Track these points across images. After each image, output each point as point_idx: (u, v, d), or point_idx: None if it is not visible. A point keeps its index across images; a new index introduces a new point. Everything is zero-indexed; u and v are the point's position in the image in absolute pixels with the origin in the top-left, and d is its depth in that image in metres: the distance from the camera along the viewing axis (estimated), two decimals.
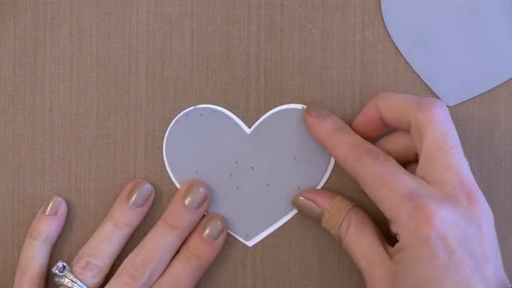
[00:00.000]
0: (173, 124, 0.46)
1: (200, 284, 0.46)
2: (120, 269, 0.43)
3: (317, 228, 0.46)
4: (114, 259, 0.44)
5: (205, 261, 0.44)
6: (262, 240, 0.46)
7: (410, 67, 0.46)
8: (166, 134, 0.46)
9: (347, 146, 0.42)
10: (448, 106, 0.46)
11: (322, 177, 0.46)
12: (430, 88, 0.46)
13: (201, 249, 0.44)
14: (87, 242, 0.44)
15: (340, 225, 0.42)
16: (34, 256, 0.44)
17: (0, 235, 0.45)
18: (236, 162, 0.46)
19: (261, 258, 0.46)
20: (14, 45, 0.46)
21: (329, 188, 0.46)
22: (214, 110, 0.46)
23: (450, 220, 0.37)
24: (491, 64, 0.46)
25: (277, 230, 0.46)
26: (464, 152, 0.47)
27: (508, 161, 0.47)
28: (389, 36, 0.46)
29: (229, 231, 0.46)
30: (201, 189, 0.44)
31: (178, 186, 0.46)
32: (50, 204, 0.45)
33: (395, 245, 0.39)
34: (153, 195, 0.45)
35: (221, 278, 0.46)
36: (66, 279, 0.43)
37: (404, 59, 0.46)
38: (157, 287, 0.43)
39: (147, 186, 0.45)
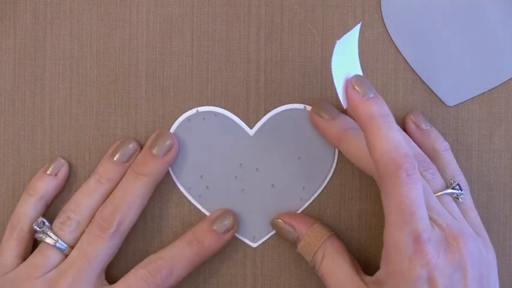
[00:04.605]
0: (176, 129, 0.46)
1: (200, 283, 0.46)
2: (91, 222, 0.43)
3: None
4: (93, 214, 0.43)
5: (207, 250, 0.44)
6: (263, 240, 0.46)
7: (410, 67, 0.46)
8: None
9: (363, 150, 0.41)
10: (448, 106, 0.46)
11: (327, 176, 0.46)
12: (430, 88, 0.46)
13: (207, 236, 0.44)
14: (70, 199, 0.44)
15: (314, 253, 0.43)
16: (27, 212, 0.44)
17: (0, 235, 0.45)
18: (240, 164, 0.46)
19: (261, 258, 0.46)
20: (14, 45, 0.46)
21: (330, 188, 0.46)
22: (216, 114, 0.46)
23: (441, 266, 0.38)
24: (491, 64, 0.46)
25: None
26: (464, 152, 0.47)
27: (508, 161, 0.47)
28: (389, 36, 0.46)
29: (236, 235, 0.46)
30: (168, 141, 0.44)
31: (182, 190, 0.46)
32: (53, 165, 0.45)
33: (376, 274, 0.40)
34: (138, 153, 0.45)
35: (221, 278, 0.46)
36: (46, 236, 0.43)
37: (405, 59, 0.46)
38: (154, 264, 0.43)
39: (132, 145, 0.45)
